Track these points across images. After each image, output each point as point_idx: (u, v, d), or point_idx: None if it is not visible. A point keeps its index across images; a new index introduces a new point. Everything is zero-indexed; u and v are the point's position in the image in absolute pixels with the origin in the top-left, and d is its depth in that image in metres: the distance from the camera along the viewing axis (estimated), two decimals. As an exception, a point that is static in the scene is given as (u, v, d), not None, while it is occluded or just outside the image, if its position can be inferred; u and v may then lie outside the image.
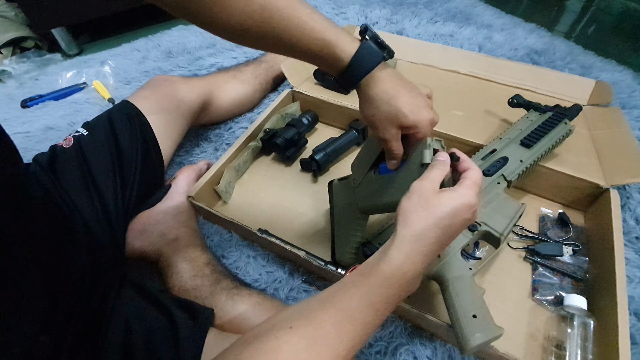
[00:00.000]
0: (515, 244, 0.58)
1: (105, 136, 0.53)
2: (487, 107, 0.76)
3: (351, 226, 0.50)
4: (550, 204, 0.65)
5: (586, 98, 0.80)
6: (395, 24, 1.11)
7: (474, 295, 0.42)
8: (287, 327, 0.28)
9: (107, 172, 0.51)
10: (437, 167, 0.34)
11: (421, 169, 0.36)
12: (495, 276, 0.55)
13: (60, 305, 0.34)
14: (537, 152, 0.57)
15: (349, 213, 0.50)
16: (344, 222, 0.52)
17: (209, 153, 0.75)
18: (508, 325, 0.48)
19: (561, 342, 0.47)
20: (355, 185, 0.49)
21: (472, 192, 0.32)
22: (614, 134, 0.69)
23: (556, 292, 0.52)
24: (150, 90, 0.63)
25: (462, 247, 0.47)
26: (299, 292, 0.54)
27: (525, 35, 1.07)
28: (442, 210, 0.31)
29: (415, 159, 0.39)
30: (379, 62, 0.38)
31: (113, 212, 0.51)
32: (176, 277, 0.50)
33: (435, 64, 0.89)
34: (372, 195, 0.46)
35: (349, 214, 0.50)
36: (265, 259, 0.58)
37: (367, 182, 0.47)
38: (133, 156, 0.54)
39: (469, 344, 0.39)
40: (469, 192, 0.32)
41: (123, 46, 1.05)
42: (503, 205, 0.51)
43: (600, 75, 0.94)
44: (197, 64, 0.97)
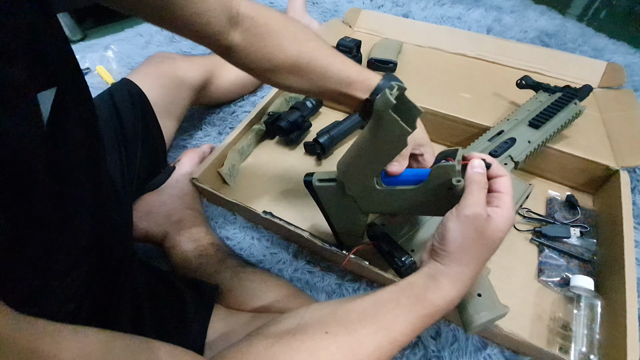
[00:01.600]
0: (522, 227, 0.58)
1: (109, 113, 0.53)
2: (495, 89, 0.74)
3: (353, 221, 0.46)
4: (559, 187, 0.64)
5: (597, 80, 0.78)
6: (402, 7, 1.09)
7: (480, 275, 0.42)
8: (323, 332, 0.27)
9: (112, 149, 0.51)
10: (480, 186, 0.31)
11: (449, 191, 0.35)
12: (502, 258, 0.55)
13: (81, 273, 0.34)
14: (545, 132, 0.56)
15: (347, 211, 0.45)
16: (342, 218, 0.48)
17: (212, 137, 0.75)
18: (514, 307, 0.48)
19: (567, 323, 0.47)
20: (353, 194, 0.42)
21: (512, 211, 0.31)
22: (626, 117, 0.68)
23: (563, 273, 0.51)
24: (151, 68, 0.62)
25: None
26: (303, 273, 0.54)
27: (536, 17, 1.04)
28: (496, 242, 0.31)
29: (437, 179, 0.36)
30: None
31: (120, 188, 0.51)
32: (181, 257, 0.50)
33: (443, 47, 0.87)
34: (377, 204, 0.41)
35: (347, 212, 0.45)
36: (269, 241, 0.58)
37: (368, 189, 0.41)
38: (135, 132, 0.54)
39: (474, 322, 0.38)
40: (511, 212, 0.31)
41: (126, 31, 1.04)
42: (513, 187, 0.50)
43: (613, 57, 0.92)
44: (200, 48, 0.96)
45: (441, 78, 0.78)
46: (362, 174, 0.39)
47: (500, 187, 0.32)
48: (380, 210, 0.44)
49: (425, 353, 0.46)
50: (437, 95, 0.71)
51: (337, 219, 0.48)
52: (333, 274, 0.53)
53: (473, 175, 0.32)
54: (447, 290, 0.30)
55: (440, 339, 0.47)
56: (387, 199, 0.40)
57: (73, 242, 0.31)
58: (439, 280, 0.30)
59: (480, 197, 0.31)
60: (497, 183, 0.32)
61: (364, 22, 0.94)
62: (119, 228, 0.45)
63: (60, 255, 0.29)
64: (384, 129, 0.34)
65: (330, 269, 0.54)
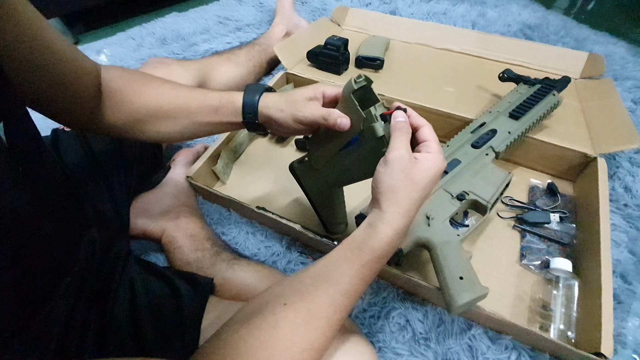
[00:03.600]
0: (505, 214, 0.60)
1: None
2: (479, 83, 0.77)
3: (331, 201, 0.51)
4: (540, 175, 0.66)
5: (579, 71, 0.80)
6: (389, 4, 1.11)
7: (460, 258, 0.44)
8: (281, 304, 0.29)
9: (108, 152, 0.53)
10: (403, 132, 0.34)
11: (378, 140, 0.38)
12: (486, 244, 0.57)
13: (72, 274, 0.36)
14: (525, 123, 0.58)
15: (324, 190, 0.50)
16: (322, 199, 0.52)
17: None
18: (497, 289, 0.51)
19: (547, 304, 0.49)
20: (318, 167, 0.48)
21: (440, 155, 0.34)
22: (604, 105, 0.70)
23: (543, 257, 0.54)
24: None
25: (450, 216, 0.49)
26: (296, 264, 0.56)
27: (519, 10, 1.06)
28: (424, 182, 0.33)
29: (367, 134, 0.39)
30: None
31: (117, 189, 0.53)
32: (179, 251, 0.52)
33: (429, 42, 0.89)
34: (339, 173, 0.46)
35: (324, 190, 0.50)
36: (263, 235, 0.60)
37: (329, 161, 0.46)
38: None
39: (456, 302, 0.41)
40: (439, 156, 0.34)
41: (118, 35, 1.05)
42: (490, 174, 0.53)
43: (594, 48, 0.94)
44: (191, 50, 0.98)
45: (427, 73, 0.80)
46: (325, 149, 0.45)
47: (425, 136, 0.35)
48: (342, 179, 0.47)
49: (414, 335, 0.48)
50: (422, 90, 0.73)
51: (317, 200, 0.52)
52: (325, 264, 0.56)
53: (396, 124, 0.35)
54: (384, 232, 0.32)
55: (427, 321, 0.49)
56: (343, 163, 0.44)
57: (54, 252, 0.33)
58: (376, 225, 0.32)
59: (402, 141, 0.33)
60: (421, 132, 0.35)
61: (352, 20, 0.96)
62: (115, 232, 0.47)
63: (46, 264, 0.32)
64: (346, 110, 0.40)
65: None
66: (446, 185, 0.52)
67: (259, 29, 1.07)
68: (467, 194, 0.51)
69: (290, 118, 0.41)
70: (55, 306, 0.33)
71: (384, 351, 0.47)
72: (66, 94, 0.36)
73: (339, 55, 0.76)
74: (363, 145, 0.41)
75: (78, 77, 0.36)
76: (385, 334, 0.48)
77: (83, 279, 0.37)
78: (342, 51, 0.77)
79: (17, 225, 0.27)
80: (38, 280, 0.31)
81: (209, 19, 1.09)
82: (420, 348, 0.47)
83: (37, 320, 0.31)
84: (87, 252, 0.40)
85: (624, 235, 0.59)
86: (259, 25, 1.08)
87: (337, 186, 0.50)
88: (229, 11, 1.13)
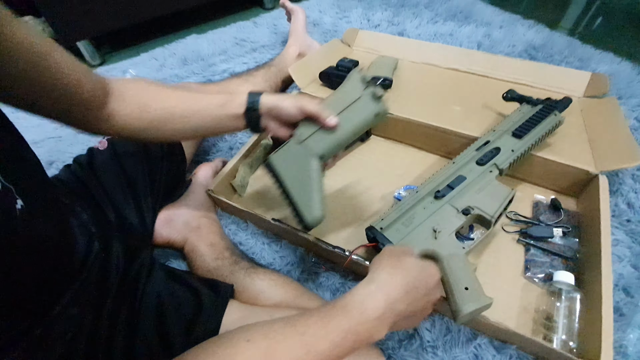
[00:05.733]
0: (510, 228, 0.63)
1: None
2: (485, 102, 0.80)
3: (311, 180, 0.50)
4: (544, 191, 0.69)
5: (582, 90, 0.83)
6: (397, 26, 1.16)
7: (466, 270, 0.47)
8: (244, 340, 0.30)
9: (138, 170, 0.57)
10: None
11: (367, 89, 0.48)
12: (491, 257, 0.60)
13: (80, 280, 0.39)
14: (528, 142, 0.61)
15: (305, 169, 0.51)
16: (300, 182, 0.52)
17: (224, 152, 0.82)
18: (502, 301, 0.53)
19: (550, 315, 0.51)
20: (302, 140, 0.50)
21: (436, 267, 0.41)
22: (607, 123, 0.72)
23: (547, 270, 0.56)
24: None
25: (456, 229, 0.52)
26: (309, 274, 0.59)
27: (524, 31, 1.10)
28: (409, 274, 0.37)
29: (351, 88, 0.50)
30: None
31: (143, 204, 0.58)
32: (200, 260, 0.56)
33: (436, 62, 0.93)
34: (330, 137, 0.49)
35: (305, 170, 0.51)
36: (278, 245, 0.63)
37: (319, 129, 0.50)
38: (160, 155, 0.61)
39: (461, 311, 0.43)
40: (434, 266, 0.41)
41: (142, 55, 1.13)
42: (494, 190, 0.55)
43: (598, 67, 0.97)
44: (210, 69, 1.04)
45: (434, 92, 0.84)
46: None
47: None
48: (328, 145, 0.50)
49: (421, 343, 0.51)
50: (429, 108, 0.77)
51: (295, 184, 0.52)
52: (337, 274, 0.59)
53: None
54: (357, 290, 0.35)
55: (435, 330, 0.52)
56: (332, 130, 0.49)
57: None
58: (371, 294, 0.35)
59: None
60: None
61: (361, 41, 1.01)
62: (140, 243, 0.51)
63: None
64: (351, 84, 0.50)
65: (334, 270, 0.60)
66: (452, 200, 0.55)
67: (273, 49, 1.13)
68: (472, 209, 0.53)
69: (294, 105, 0.48)
70: (60, 315, 0.36)
71: (393, 358, 0.50)
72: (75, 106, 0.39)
73: (350, 76, 0.81)
74: (359, 107, 0.49)
75: (84, 89, 0.39)
76: (394, 342, 0.51)
77: (100, 284, 0.41)
78: (353, 72, 0.81)
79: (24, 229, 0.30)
80: (44, 284, 0.35)
81: (227, 41, 1.16)
82: (428, 356, 0.50)
83: (45, 322, 0.34)
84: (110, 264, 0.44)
85: (627, 250, 0.60)
86: (274, 46, 1.14)
87: (323, 157, 0.51)
88: (245, 33, 1.19)
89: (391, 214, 0.55)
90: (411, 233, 0.52)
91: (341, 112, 0.49)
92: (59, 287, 0.37)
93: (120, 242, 0.49)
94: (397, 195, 0.68)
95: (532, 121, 0.64)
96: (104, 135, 0.51)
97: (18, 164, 0.34)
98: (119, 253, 0.47)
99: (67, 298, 0.37)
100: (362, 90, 0.49)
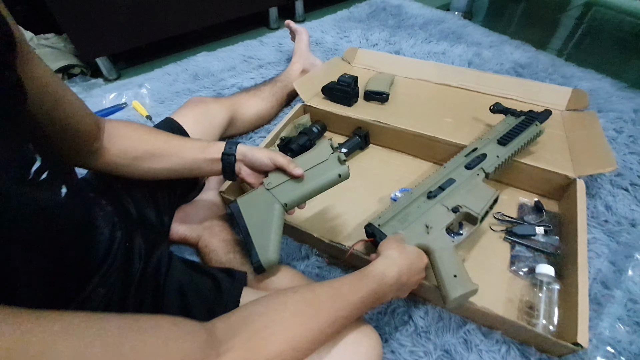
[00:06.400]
0: (497, 227, 0.68)
1: None
2: (474, 114, 0.87)
3: (272, 224, 0.54)
4: (529, 195, 0.75)
5: (564, 104, 0.90)
6: (393, 45, 1.25)
7: (454, 261, 0.52)
8: (291, 292, 0.38)
9: None
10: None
11: (333, 154, 0.55)
12: (480, 254, 0.65)
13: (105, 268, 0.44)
14: (511, 149, 0.68)
15: (268, 214, 0.54)
16: (261, 226, 0.54)
17: (233, 159, 0.88)
18: (489, 292, 0.58)
19: (533, 304, 0.56)
20: (270, 187, 0.55)
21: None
22: (587, 134, 0.79)
23: (530, 264, 0.61)
24: (188, 109, 0.76)
25: (446, 225, 0.57)
26: (313, 268, 0.64)
27: (512, 50, 1.19)
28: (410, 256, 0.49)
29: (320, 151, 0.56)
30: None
31: (161, 204, 0.63)
32: (214, 254, 0.61)
33: (429, 78, 1.01)
34: (296, 188, 0.54)
35: (268, 214, 0.54)
36: (284, 243, 0.69)
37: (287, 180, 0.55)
38: None
39: (450, 296, 0.49)
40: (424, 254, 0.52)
41: (155, 71, 1.20)
42: (481, 191, 0.61)
43: (580, 83, 1.05)
44: (220, 84, 1.12)
45: (428, 105, 0.91)
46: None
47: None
48: (294, 195, 0.54)
49: (416, 329, 0.56)
50: (423, 120, 0.84)
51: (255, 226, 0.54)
52: (338, 269, 0.64)
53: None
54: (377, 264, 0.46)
55: (428, 317, 0.57)
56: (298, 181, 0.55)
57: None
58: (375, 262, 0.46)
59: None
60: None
61: (361, 59, 1.09)
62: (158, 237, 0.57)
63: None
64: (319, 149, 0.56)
65: (336, 265, 0.65)
66: (443, 200, 0.61)
67: (278, 66, 1.21)
68: (460, 207, 0.59)
69: (266, 155, 0.54)
70: (90, 295, 0.41)
71: (390, 342, 0.54)
72: (72, 138, 0.45)
73: (350, 90, 0.88)
74: (326, 167, 0.55)
75: (82, 123, 0.45)
76: (391, 328, 0.56)
77: (125, 269, 0.46)
78: (352, 87, 0.89)
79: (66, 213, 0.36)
80: (77, 266, 0.40)
81: (235, 58, 1.24)
82: (422, 340, 0.54)
83: (78, 300, 0.39)
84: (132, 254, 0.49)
85: (605, 248, 0.66)
86: (279, 63, 1.22)
87: (288, 205, 0.55)
88: (253, 51, 1.28)
89: (388, 212, 0.61)
90: (406, 229, 0.57)
91: (309, 169, 0.55)
92: (89, 269, 0.42)
93: (142, 235, 0.54)
94: (393, 196, 0.74)
95: (515, 130, 0.70)
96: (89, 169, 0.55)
97: (58, 156, 0.40)
98: (141, 244, 0.52)
99: (96, 279, 0.42)
100: (330, 154, 0.55)
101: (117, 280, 0.45)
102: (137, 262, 0.49)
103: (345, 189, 0.77)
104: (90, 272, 0.42)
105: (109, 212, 0.51)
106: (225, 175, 0.57)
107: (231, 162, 0.55)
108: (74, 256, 0.39)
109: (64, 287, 0.38)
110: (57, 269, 0.36)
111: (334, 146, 0.56)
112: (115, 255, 0.46)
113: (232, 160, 0.55)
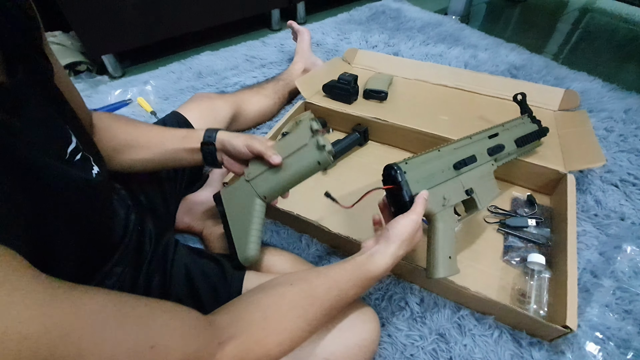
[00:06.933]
0: (491, 219, 0.71)
1: None
2: (470, 113, 0.90)
3: (252, 218, 0.52)
4: (522, 190, 0.77)
5: (557, 104, 0.93)
6: (392, 47, 1.28)
7: (453, 242, 0.53)
8: (288, 284, 0.40)
9: None
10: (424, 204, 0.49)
11: (313, 138, 0.49)
12: (474, 244, 0.67)
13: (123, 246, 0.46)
14: (520, 152, 0.68)
15: (248, 208, 0.53)
16: (242, 220, 0.53)
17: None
18: (484, 281, 0.61)
19: (525, 292, 0.59)
20: (249, 178, 0.53)
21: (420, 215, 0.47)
22: (578, 132, 0.82)
23: (522, 254, 0.64)
24: (194, 104, 0.78)
25: (455, 203, 0.56)
26: (313, 257, 0.66)
27: (507, 53, 1.22)
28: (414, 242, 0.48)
29: (300, 135, 0.50)
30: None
31: (168, 194, 0.66)
32: (217, 242, 0.63)
33: (427, 79, 1.03)
34: (275, 178, 0.51)
35: (248, 208, 0.53)
36: (285, 233, 0.71)
37: (266, 170, 0.52)
38: None
39: (438, 274, 0.50)
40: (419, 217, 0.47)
41: (160, 69, 1.23)
42: (490, 184, 0.61)
43: (572, 85, 1.08)
44: (223, 82, 1.15)
45: (424, 104, 0.94)
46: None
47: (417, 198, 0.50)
48: (272, 185, 0.52)
49: (412, 314, 0.58)
50: (420, 118, 0.86)
51: (236, 219, 0.54)
52: (337, 257, 0.66)
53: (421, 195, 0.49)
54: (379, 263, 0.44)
55: (424, 304, 0.59)
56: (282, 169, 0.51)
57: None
58: (374, 256, 0.44)
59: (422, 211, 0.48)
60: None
61: (360, 59, 1.12)
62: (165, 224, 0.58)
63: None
64: (299, 130, 0.50)
65: (335, 254, 0.67)
66: (463, 176, 0.57)
67: (280, 66, 1.24)
68: (472, 192, 0.57)
69: (243, 143, 0.52)
70: (110, 272, 0.43)
71: (387, 326, 0.56)
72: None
73: (350, 88, 0.91)
74: (304, 153, 0.50)
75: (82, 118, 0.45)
76: (388, 313, 0.58)
77: (138, 250, 0.48)
78: (352, 85, 0.91)
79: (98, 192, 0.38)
80: (100, 245, 0.42)
81: (238, 57, 1.27)
82: (417, 325, 0.57)
83: (99, 276, 0.42)
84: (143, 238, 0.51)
85: (595, 240, 0.68)
86: (280, 63, 1.25)
87: (267, 197, 0.53)
88: (255, 51, 1.31)
89: (415, 159, 0.54)
90: (430, 191, 0.52)
91: (288, 156, 0.51)
92: (110, 247, 0.44)
93: (151, 220, 0.57)
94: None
95: (530, 137, 0.70)
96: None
97: (89, 138, 0.42)
98: (151, 229, 0.54)
99: (115, 258, 0.44)
100: (309, 138, 0.49)
101: (132, 260, 0.47)
102: (147, 245, 0.51)
103: (345, 182, 0.80)
104: (111, 250, 0.44)
105: (123, 195, 0.53)
106: (208, 165, 0.55)
107: (212, 152, 0.53)
108: (101, 233, 0.42)
109: (90, 262, 0.40)
110: (87, 244, 0.38)
111: (314, 128, 0.49)
112: (130, 236, 0.48)
113: (212, 149, 0.53)
